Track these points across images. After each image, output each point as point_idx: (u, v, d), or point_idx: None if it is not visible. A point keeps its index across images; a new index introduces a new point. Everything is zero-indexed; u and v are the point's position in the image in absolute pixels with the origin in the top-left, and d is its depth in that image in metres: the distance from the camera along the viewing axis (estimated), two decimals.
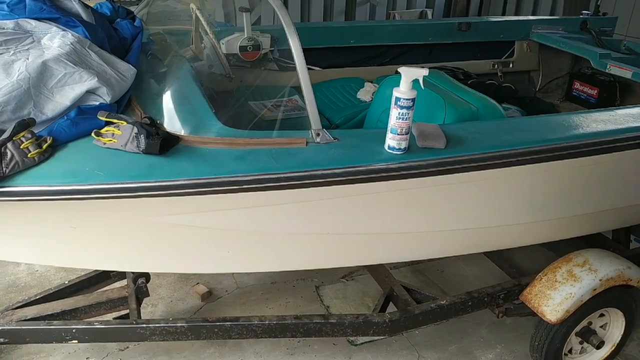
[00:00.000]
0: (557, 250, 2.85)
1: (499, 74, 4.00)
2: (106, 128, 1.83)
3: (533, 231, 2.48)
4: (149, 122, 1.87)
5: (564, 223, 2.51)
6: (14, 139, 1.69)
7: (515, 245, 2.58)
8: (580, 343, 2.63)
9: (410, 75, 1.81)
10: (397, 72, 3.57)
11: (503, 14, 7.58)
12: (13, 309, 2.35)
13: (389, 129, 1.89)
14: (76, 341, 2.26)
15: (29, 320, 2.28)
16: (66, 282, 2.58)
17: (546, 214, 2.38)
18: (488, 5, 7.52)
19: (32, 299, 2.43)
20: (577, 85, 4.01)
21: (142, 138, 1.76)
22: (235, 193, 1.79)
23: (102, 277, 2.64)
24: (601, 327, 2.64)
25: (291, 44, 1.87)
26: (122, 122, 1.82)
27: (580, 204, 2.44)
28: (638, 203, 2.62)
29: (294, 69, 1.92)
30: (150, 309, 2.99)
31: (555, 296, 2.37)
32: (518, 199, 2.26)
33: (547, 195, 2.31)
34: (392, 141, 1.89)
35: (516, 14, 7.67)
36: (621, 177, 2.44)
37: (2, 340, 2.23)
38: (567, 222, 2.52)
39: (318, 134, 1.92)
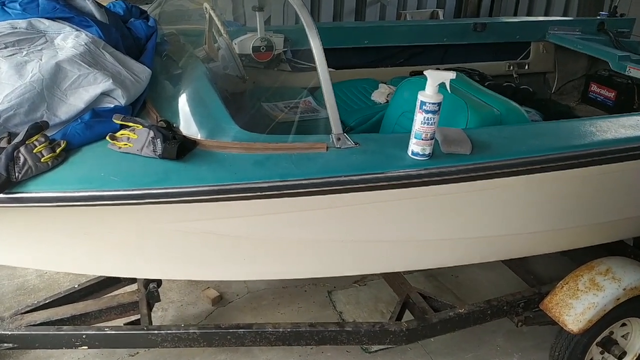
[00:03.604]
0: (573, 257, 2.80)
1: (515, 75, 3.95)
2: (121, 132, 1.78)
3: (556, 238, 2.42)
4: (165, 125, 1.81)
5: (588, 230, 2.46)
6: (27, 142, 1.64)
7: (538, 252, 2.52)
8: (601, 353, 2.56)
9: (436, 78, 1.75)
10: (411, 74, 3.53)
11: (515, 15, 7.51)
12: (22, 313, 2.31)
13: (412, 133, 1.83)
14: (86, 347, 2.23)
15: (38, 325, 2.24)
16: (76, 285, 2.54)
17: (571, 221, 2.33)
18: (499, 5, 7.45)
19: (41, 303, 2.39)
20: (594, 87, 3.95)
21: (158, 142, 1.70)
22: (255, 200, 1.74)
23: (113, 282, 2.60)
24: (622, 336, 2.58)
25: (312, 45, 1.81)
26: (137, 125, 1.77)
27: (605, 211, 2.38)
28: None
29: (310, 70, 1.87)
30: (161, 313, 2.95)
31: (577, 305, 2.31)
32: (543, 205, 2.20)
33: (572, 202, 2.25)
34: (416, 147, 1.83)
35: (528, 14, 7.60)
36: None
37: (11, 345, 2.20)
38: (591, 229, 2.46)
39: (339, 139, 1.86)
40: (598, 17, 4.13)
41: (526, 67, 4.00)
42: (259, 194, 1.71)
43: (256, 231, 1.93)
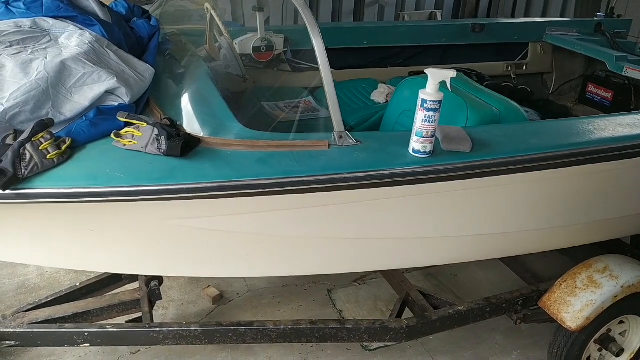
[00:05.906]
0: (571, 254, 2.82)
1: (513, 76, 3.97)
2: (126, 129, 1.79)
3: (555, 236, 2.44)
4: (169, 123, 1.83)
5: (586, 228, 2.47)
6: (32, 139, 1.65)
7: (537, 250, 2.54)
8: (599, 350, 2.59)
9: (437, 76, 1.77)
10: (410, 74, 3.54)
11: (512, 16, 7.54)
12: (24, 311, 2.32)
13: (414, 131, 1.85)
14: (88, 345, 2.23)
15: (40, 323, 2.25)
16: (77, 284, 2.55)
17: (569, 219, 2.34)
18: (497, 6, 7.48)
19: (43, 302, 2.40)
20: (591, 88, 3.98)
21: (162, 140, 1.72)
22: (258, 196, 1.76)
23: (114, 280, 2.61)
24: (620, 334, 2.60)
25: (314, 44, 1.82)
26: (142, 123, 1.78)
27: (603, 209, 2.40)
28: None
29: (310, 70, 1.88)
30: (161, 312, 2.96)
31: (575, 303, 2.33)
32: (542, 203, 2.22)
33: (571, 200, 2.26)
34: (417, 144, 1.85)
35: (525, 15, 7.63)
36: None
37: (13, 343, 2.20)
38: (589, 228, 2.48)
39: (341, 137, 1.88)
40: (595, 18, 4.16)
41: (524, 67, 4.02)
42: (261, 190, 1.73)
43: (258, 228, 1.95)
